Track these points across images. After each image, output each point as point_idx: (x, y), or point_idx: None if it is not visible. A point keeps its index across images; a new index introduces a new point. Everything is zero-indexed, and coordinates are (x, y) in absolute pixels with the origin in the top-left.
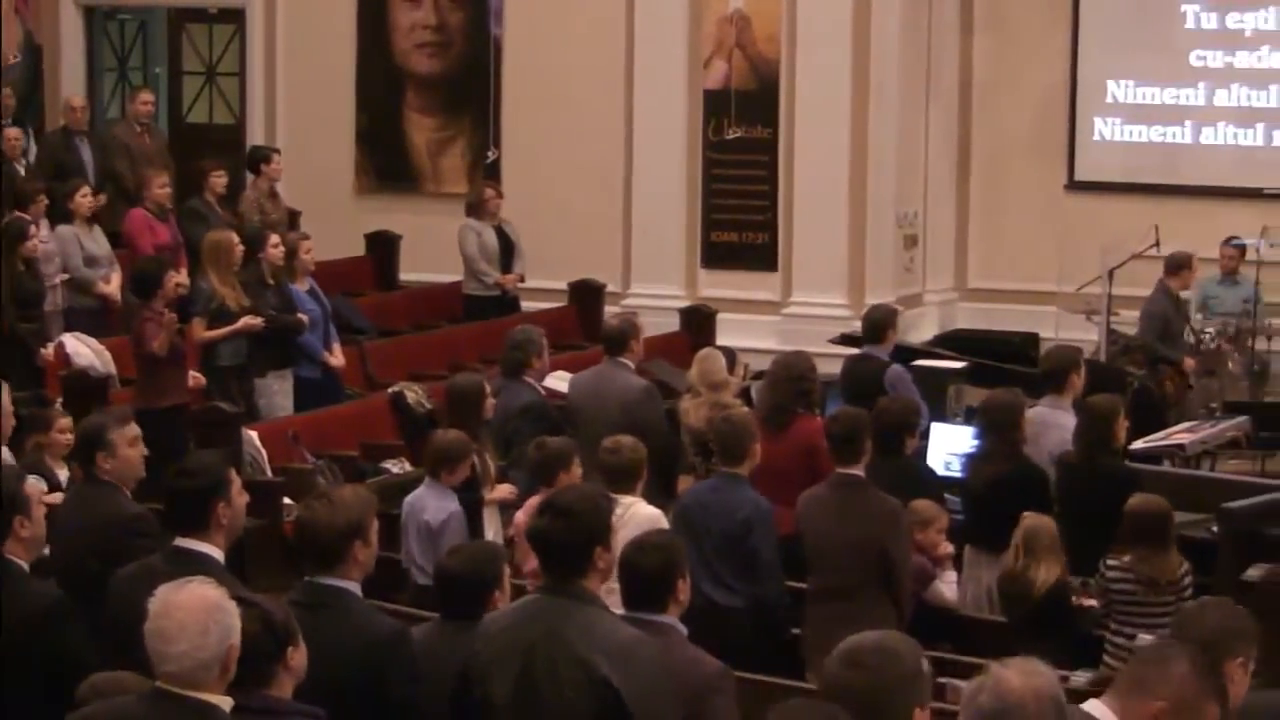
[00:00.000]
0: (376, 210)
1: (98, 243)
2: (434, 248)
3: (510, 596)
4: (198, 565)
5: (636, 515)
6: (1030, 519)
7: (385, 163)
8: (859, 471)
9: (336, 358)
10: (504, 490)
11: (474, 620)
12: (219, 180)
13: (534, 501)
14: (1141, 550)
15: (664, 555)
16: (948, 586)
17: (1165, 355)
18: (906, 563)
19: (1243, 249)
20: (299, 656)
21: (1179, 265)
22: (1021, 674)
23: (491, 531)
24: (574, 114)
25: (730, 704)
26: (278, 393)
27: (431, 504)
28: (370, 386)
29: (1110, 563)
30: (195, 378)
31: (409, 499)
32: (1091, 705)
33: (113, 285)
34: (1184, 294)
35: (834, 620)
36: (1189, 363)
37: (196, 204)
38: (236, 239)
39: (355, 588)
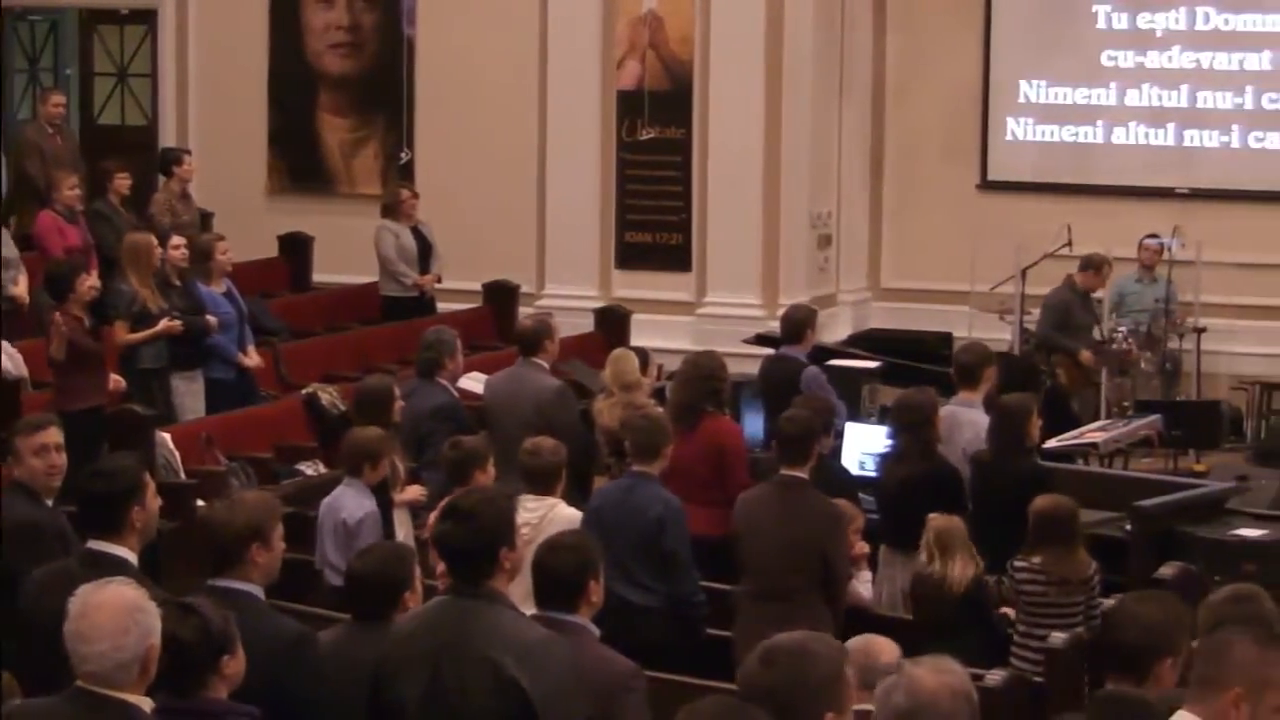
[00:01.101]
0: (289, 211)
1: (5, 244)
2: (347, 249)
3: (422, 597)
4: (112, 568)
5: (558, 517)
6: (938, 519)
7: (298, 164)
8: (803, 474)
9: (252, 359)
10: (413, 492)
11: (385, 621)
12: (123, 182)
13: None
14: (1051, 550)
15: (577, 556)
16: (863, 586)
17: (1060, 345)
18: (845, 565)
19: (1163, 245)
20: (234, 664)
21: (1089, 265)
22: (934, 672)
23: (402, 533)
24: (487, 115)
25: (641, 703)
26: (186, 394)
27: (350, 503)
28: (284, 388)
29: (1018, 564)
30: (116, 380)
31: (327, 499)
32: (1179, 717)
33: (20, 287)
34: (1097, 294)
35: (768, 621)
36: (1085, 355)
37: (100, 206)
38: (155, 241)
39: (255, 590)
